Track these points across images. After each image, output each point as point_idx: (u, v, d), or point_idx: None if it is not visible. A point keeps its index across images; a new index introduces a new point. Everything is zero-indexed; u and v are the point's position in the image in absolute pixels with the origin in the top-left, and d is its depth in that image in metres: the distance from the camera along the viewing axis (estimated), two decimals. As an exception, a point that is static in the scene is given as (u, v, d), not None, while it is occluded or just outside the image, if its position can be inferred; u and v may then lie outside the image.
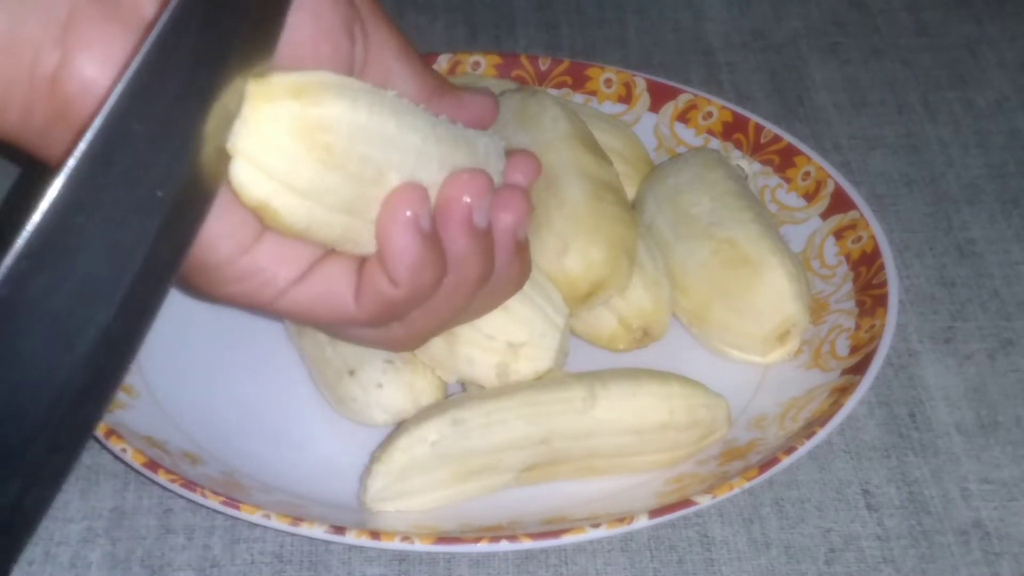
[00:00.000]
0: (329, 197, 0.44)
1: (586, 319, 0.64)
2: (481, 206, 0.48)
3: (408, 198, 0.46)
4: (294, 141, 0.42)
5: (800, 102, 0.81)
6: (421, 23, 0.87)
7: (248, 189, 0.43)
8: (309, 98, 0.42)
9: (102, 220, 0.38)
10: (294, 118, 0.42)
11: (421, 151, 0.46)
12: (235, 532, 0.58)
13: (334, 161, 0.43)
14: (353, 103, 0.43)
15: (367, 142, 0.44)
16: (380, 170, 0.45)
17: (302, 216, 0.44)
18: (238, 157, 0.42)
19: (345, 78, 0.44)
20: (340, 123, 0.43)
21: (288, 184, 0.43)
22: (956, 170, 0.77)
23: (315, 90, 0.43)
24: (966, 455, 0.62)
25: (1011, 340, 0.67)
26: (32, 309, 0.37)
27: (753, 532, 0.58)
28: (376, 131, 0.44)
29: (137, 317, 0.40)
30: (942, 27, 0.88)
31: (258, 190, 0.43)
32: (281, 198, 0.43)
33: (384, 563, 0.57)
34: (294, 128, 0.42)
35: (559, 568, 0.57)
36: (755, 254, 0.63)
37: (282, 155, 0.42)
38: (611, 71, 0.76)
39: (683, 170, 0.68)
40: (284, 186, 0.43)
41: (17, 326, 0.37)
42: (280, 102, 0.42)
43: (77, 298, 0.38)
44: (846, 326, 0.64)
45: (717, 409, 0.60)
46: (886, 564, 0.57)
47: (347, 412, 0.61)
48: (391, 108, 0.45)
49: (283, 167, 0.43)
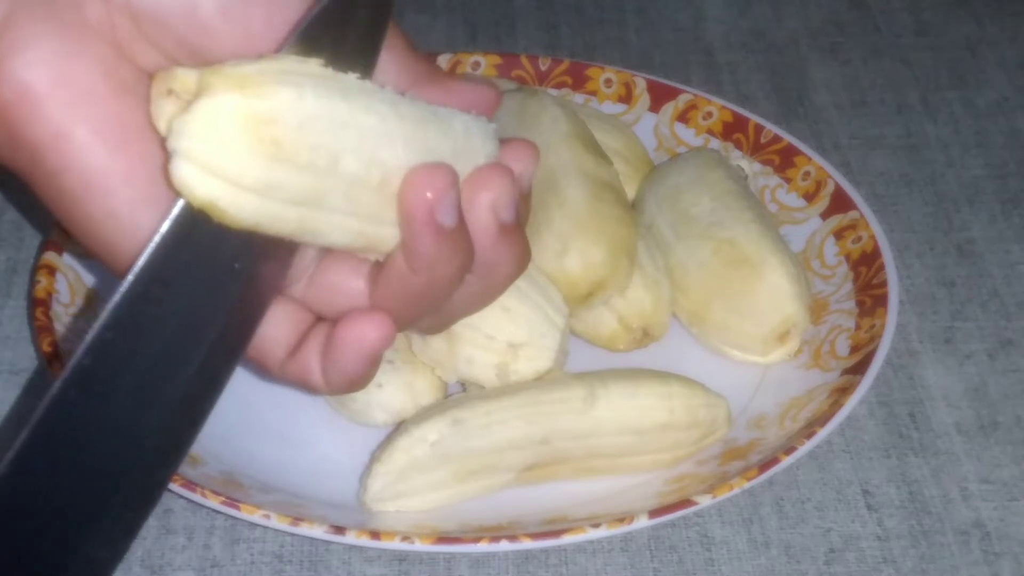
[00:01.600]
0: (280, 191, 0.42)
1: (586, 319, 0.64)
2: (445, 202, 0.44)
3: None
4: (238, 136, 0.40)
5: (800, 102, 0.81)
6: (421, 23, 0.87)
7: (192, 188, 0.40)
8: (252, 90, 0.40)
9: (182, 292, 0.41)
10: (237, 112, 0.40)
11: (380, 132, 0.43)
12: (235, 532, 0.58)
13: (282, 154, 0.41)
14: (298, 90, 0.41)
15: (317, 130, 0.41)
16: (334, 156, 0.42)
17: (251, 212, 0.41)
18: (178, 155, 0.40)
19: (299, 63, 0.42)
20: (286, 114, 0.41)
21: (235, 181, 0.40)
22: (956, 170, 0.77)
23: (258, 81, 0.40)
24: (966, 455, 0.62)
25: (1011, 340, 0.67)
26: (114, 376, 0.40)
27: (753, 532, 0.58)
28: (326, 117, 0.42)
29: (211, 383, 0.43)
30: (942, 27, 0.88)
31: (203, 189, 0.40)
32: (228, 196, 0.41)
33: (384, 563, 0.57)
34: (238, 122, 0.40)
35: (559, 568, 0.57)
36: (755, 254, 0.63)
37: (227, 151, 0.40)
38: (611, 71, 0.76)
39: (683, 170, 0.68)
40: (231, 183, 0.40)
41: (99, 392, 0.40)
42: (222, 95, 0.40)
43: (156, 366, 0.41)
44: (846, 326, 0.64)
45: (717, 409, 0.60)
46: (886, 564, 0.57)
47: (347, 412, 0.61)
48: (342, 91, 0.42)
49: (228, 164, 0.40)
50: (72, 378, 0.40)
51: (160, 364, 0.41)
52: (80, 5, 0.41)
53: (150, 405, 0.41)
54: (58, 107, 0.41)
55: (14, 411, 0.63)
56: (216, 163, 0.40)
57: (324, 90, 0.42)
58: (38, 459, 0.39)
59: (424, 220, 0.44)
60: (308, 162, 0.41)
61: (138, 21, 0.41)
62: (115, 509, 0.41)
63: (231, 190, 0.41)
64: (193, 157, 0.40)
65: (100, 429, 0.40)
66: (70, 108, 0.41)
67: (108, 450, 0.40)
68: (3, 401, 0.63)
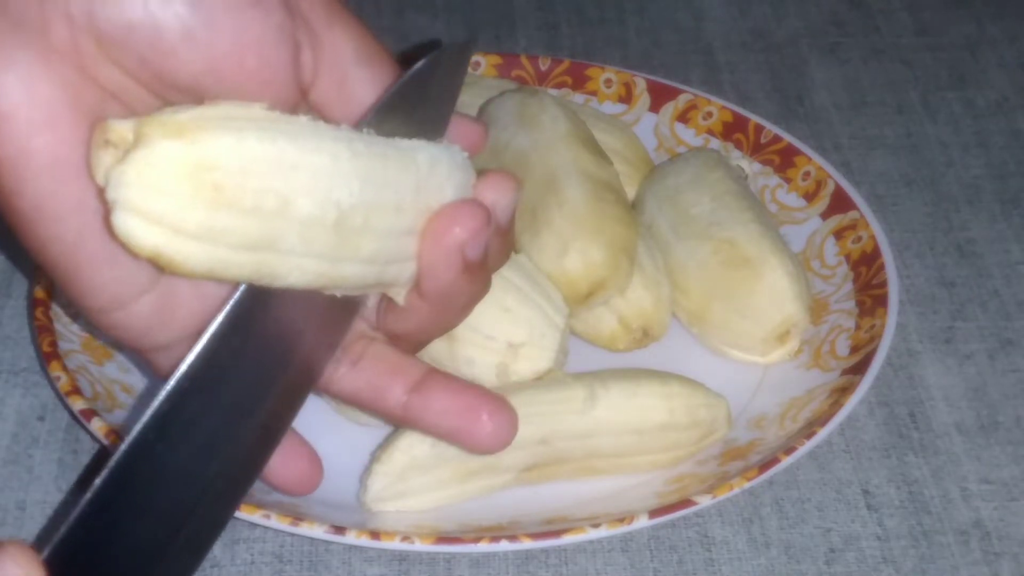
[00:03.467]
0: (226, 236, 0.41)
1: (586, 319, 0.64)
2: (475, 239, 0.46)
3: None
4: (177, 183, 0.39)
5: (800, 102, 0.81)
6: (421, 23, 0.87)
7: (136, 240, 0.40)
8: (188, 136, 0.39)
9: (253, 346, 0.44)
10: (174, 159, 0.39)
11: (333, 171, 0.42)
12: (235, 532, 0.58)
13: (225, 199, 0.40)
14: (239, 134, 0.40)
15: (261, 173, 0.41)
16: (284, 199, 0.41)
17: (201, 261, 0.41)
18: (118, 206, 0.39)
19: (240, 108, 0.42)
20: (226, 158, 0.40)
21: (178, 229, 0.40)
22: (956, 170, 0.77)
23: (195, 127, 0.40)
24: (966, 455, 0.62)
25: (1011, 340, 0.67)
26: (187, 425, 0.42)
27: (753, 532, 0.58)
28: (271, 159, 0.41)
29: (272, 434, 0.46)
30: (942, 27, 0.88)
31: (146, 239, 0.40)
32: (174, 245, 0.40)
33: (384, 563, 0.57)
34: (176, 169, 0.39)
35: (559, 568, 0.57)
36: (755, 254, 0.63)
37: (166, 199, 0.39)
38: (611, 71, 0.76)
39: (683, 170, 0.68)
40: (174, 232, 0.40)
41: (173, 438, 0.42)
42: (158, 143, 0.39)
43: (226, 416, 0.44)
44: (846, 326, 0.64)
45: (717, 409, 0.60)
46: (886, 564, 0.57)
47: (347, 412, 0.61)
48: (289, 133, 0.42)
49: (169, 212, 0.39)
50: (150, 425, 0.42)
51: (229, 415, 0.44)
52: (46, 28, 0.41)
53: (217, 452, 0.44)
54: (20, 130, 0.41)
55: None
56: (156, 212, 0.39)
57: (268, 133, 0.41)
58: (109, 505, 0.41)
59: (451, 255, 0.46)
60: (254, 206, 0.41)
61: (102, 43, 0.41)
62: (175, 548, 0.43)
63: (175, 238, 0.40)
64: (133, 207, 0.39)
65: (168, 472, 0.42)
66: (31, 132, 0.41)
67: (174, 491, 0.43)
68: (3, 401, 0.63)
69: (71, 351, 0.60)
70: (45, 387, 0.63)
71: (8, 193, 0.42)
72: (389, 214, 0.44)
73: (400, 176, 0.44)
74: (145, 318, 0.46)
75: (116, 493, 0.41)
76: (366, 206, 0.43)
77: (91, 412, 0.57)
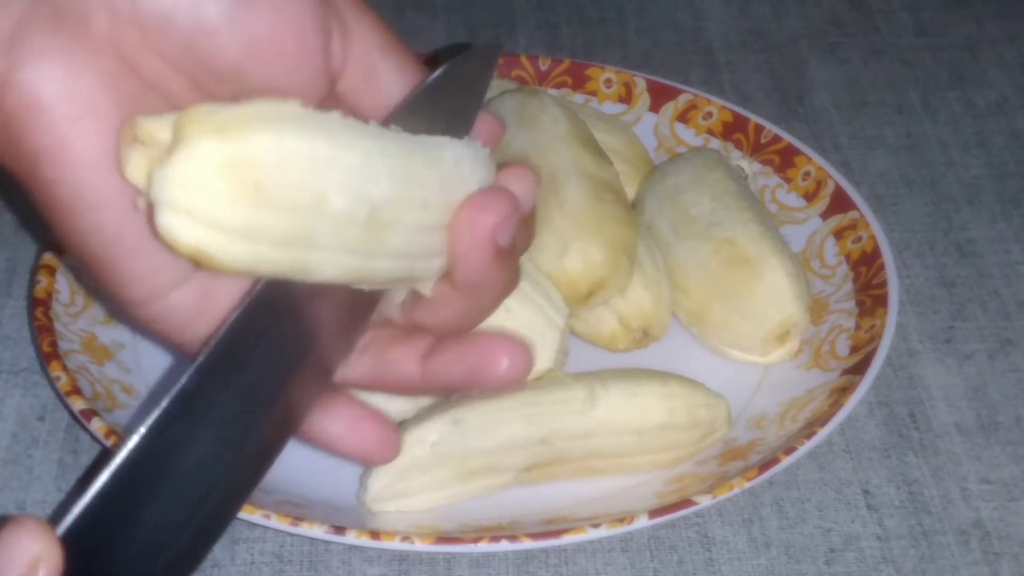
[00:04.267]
0: (266, 233, 0.42)
1: (586, 319, 0.64)
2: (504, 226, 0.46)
3: None
4: (219, 182, 0.40)
5: (800, 102, 0.81)
6: (421, 23, 0.87)
7: (178, 238, 0.40)
8: (229, 135, 0.40)
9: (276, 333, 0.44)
10: (216, 158, 0.40)
11: (365, 167, 0.43)
12: (235, 532, 0.58)
13: (265, 197, 0.41)
14: (277, 133, 0.41)
15: (299, 171, 0.42)
16: (320, 195, 0.42)
17: (241, 257, 0.42)
18: (161, 206, 0.40)
19: (275, 104, 0.42)
20: (266, 157, 0.41)
21: (220, 227, 0.41)
22: (956, 170, 0.77)
23: (235, 125, 0.40)
24: (966, 455, 0.62)
25: (1011, 340, 0.67)
26: (207, 407, 0.43)
27: (753, 532, 0.58)
28: (308, 157, 0.42)
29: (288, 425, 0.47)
30: (942, 27, 0.88)
31: (189, 238, 0.40)
32: (215, 243, 0.41)
33: (384, 563, 0.57)
34: (218, 169, 0.40)
35: (559, 568, 0.57)
36: (755, 254, 0.63)
37: (209, 198, 0.40)
38: (611, 71, 0.76)
39: (683, 170, 0.68)
40: (216, 230, 0.41)
41: (194, 419, 0.42)
42: (199, 142, 0.40)
43: (242, 405, 0.44)
44: (846, 326, 0.64)
45: (717, 409, 0.60)
46: (886, 564, 0.57)
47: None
48: (323, 130, 0.42)
49: (212, 211, 0.40)
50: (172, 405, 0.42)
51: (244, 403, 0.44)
52: (87, 19, 0.41)
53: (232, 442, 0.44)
54: (61, 120, 0.42)
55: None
56: (199, 210, 0.40)
57: (304, 131, 0.42)
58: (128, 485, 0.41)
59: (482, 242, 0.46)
60: (293, 203, 0.42)
61: (144, 31, 0.42)
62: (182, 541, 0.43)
63: (216, 236, 0.41)
64: (176, 206, 0.40)
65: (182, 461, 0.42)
66: (72, 122, 0.42)
67: (186, 483, 0.42)
68: (3, 401, 0.63)
69: (71, 351, 0.60)
70: (45, 387, 0.63)
71: (47, 183, 0.42)
72: (417, 209, 0.45)
73: (427, 172, 0.45)
74: (186, 308, 0.46)
75: (135, 473, 0.41)
76: (395, 201, 0.44)
77: (91, 412, 0.57)
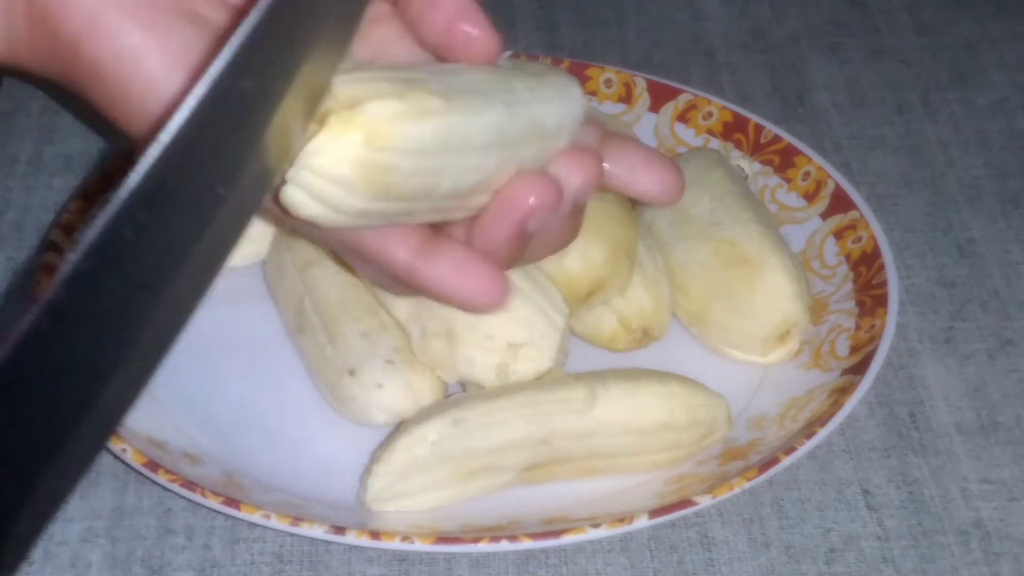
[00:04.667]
0: (377, 216, 0.45)
1: (586, 319, 0.64)
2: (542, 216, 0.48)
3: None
4: (354, 179, 0.43)
5: (800, 102, 0.81)
6: (421, 23, 0.87)
7: (299, 209, 0.44)
8: (377, 143, 0.43)
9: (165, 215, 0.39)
10: (359, 158, 0.43)
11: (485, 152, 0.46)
12: (235, 532, 0.58)
13: (390, 194, 0.44)
14: (419, 140, 0.44)
15: (426, 174, 0.45)
16: (436, 183, 0.45)
17: (342, 226, 0.45)
18: (294, 182, 0.43)
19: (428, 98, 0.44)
20: (403, 165, 0.44)
21: (339, 210, 0.44)
22: (956, 170, 0.77)
23: (386, 134, 0.43)
24: (966, 455, 0.62)
25: (1011, 340, 0.67)
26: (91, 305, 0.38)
27: (753, 532, 0.58)
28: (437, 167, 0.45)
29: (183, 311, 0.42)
30: (942, 27, 0.88)
31: (308, 211, 0.44)
32: (330, 218, 0.44)
33: (384, 563, 0.57)
34: (357, 167, 0.43)
35: (559, 568, 0.57)
36: (755, 254, 0.63)
37: (340, 189, 0.43)
38: (611, 71, 0.76)
39: (683, 170, 0.68)
40: (334, 211, 0.44)
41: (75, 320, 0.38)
42: (348, 140, 0.43)
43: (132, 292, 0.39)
44: (846, 326, 0.64)
45: (717, 409, 0.60)
46: (886, 564, 0.57)
47: (347, 412, 0.61)
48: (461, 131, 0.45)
49: (339, 199, 0.43)
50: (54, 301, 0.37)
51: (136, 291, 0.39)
52: None
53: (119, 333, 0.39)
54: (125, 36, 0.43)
55: None
56: (326, 195, 0.43)
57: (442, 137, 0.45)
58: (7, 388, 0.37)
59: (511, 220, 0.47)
60: (410, 196, 0.45)
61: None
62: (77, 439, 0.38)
63: (333, 215, 0.44)
64: (307, 188, 0.43)
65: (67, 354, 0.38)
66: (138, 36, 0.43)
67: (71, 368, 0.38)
68: (3, 401, 0.63)
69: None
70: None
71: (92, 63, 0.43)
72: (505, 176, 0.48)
73: (530, 147, 0.48)
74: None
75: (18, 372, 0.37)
76: (493, 175, 0.47)
77: (91, 412, 0.56)
